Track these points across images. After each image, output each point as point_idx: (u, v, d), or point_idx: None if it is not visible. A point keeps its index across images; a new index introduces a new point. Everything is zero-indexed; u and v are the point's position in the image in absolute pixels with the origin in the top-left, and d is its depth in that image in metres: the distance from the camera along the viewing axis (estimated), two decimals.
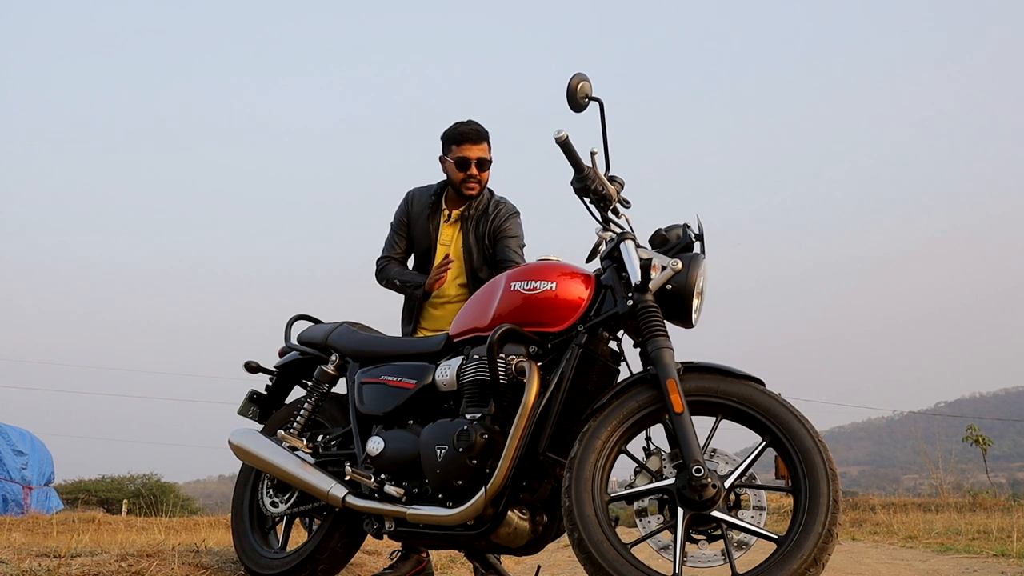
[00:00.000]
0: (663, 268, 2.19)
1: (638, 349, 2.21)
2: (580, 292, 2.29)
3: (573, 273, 2.34)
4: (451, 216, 3.25)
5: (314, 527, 2.74)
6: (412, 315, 3.27)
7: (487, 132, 3.19)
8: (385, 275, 3.30)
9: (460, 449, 2.22)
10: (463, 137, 3.14)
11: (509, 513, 2.23)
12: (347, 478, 2.48)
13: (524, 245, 3.21)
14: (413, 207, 3.31)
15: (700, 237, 2.29)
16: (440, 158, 3.23)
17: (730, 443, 2.16)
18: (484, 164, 3.17)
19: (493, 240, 3.18)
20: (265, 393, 3.01)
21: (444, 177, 3.26)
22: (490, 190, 3.27)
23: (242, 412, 2.99)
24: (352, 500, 2.46)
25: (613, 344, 2.36)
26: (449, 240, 3.23)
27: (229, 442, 2.78)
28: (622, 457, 2.13)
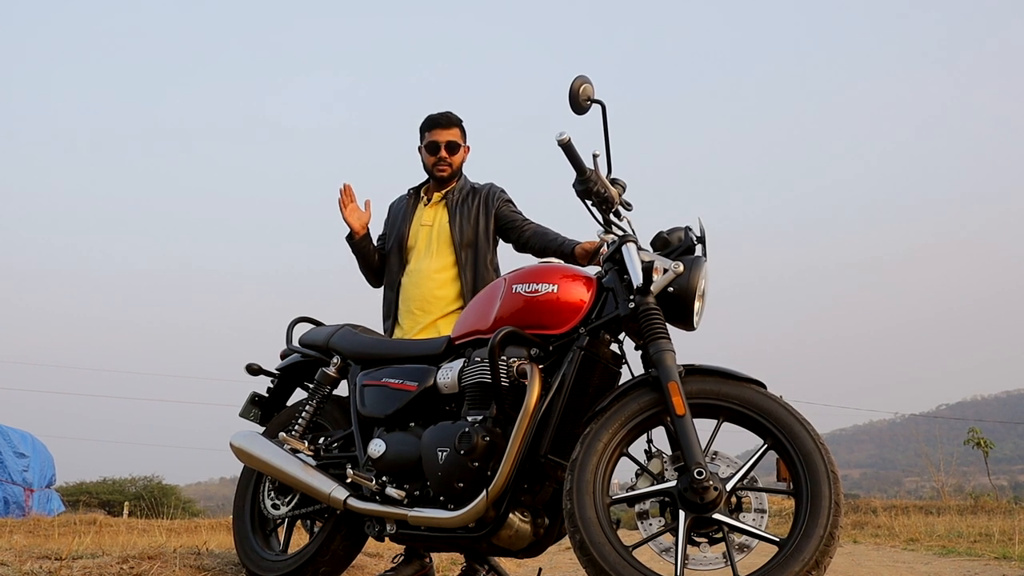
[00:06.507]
0: (665, 271, 2.19)
1: (639, 351, 2.21)
2: (582, 294, 2.29)
3: (575, 275, 2.34)
4: (432, 199, 3.27)
5: (315, 529, 2.74)
6: (392, 303, 3.23)
7: (459, 120, 3.27)
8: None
9: (461, 451, 2.22)
10: (433, 123, 3.23)
11: (510, 515, 2.23)
12: (348, 480, 2.48)
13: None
14: (392, 210, 3.38)
15: (702, 240, 2.29)
16: (418, 148, 3.30)
17: (731, 446, 2.16)
18: (454, 147, 3.22)
19: (487, 210, 3.19)
20: (267, 395, 3.01)
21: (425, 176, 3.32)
22: (467, 178, 3.31)
23: (243, 414, 2.99)
24: (353, 502, 2.46)
25: (615, 346, 2.36)
26: (431, 220, 3.23)
27: (230, 444, 2.78)
28: (624, 460, 2.13)
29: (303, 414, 2.78)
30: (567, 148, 2.25)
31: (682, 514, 1.98)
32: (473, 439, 2.21)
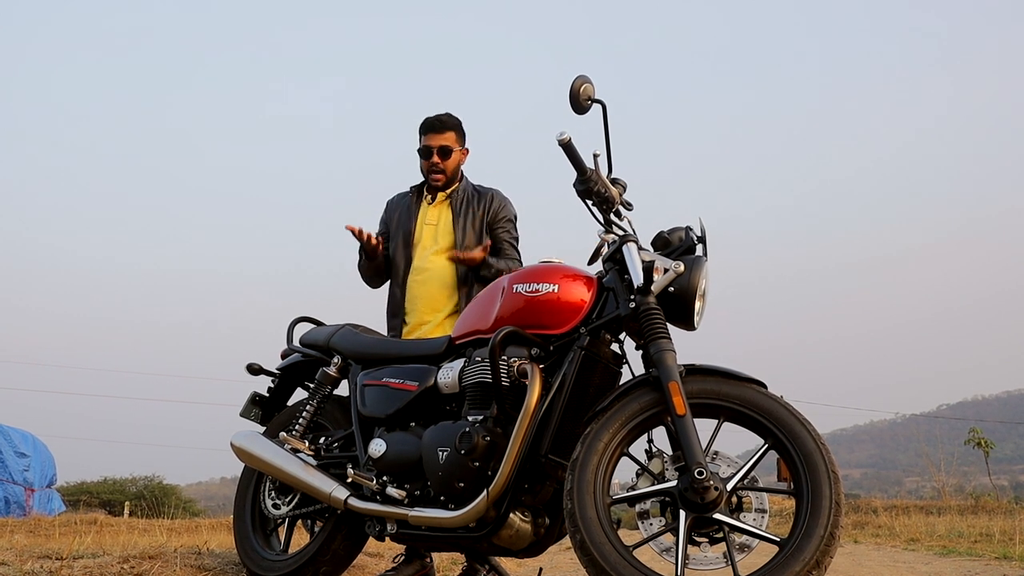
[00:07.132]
0: (665, 270, 2.19)
1: (640, 351, 2.21)
2: (582, 294, 2.29)
3: (575, 275, 2.34)
4: (436, 198, 3.25)
5: (316, 529, 2.74)
6: (399, 302, 3.21)
7: (455, 123, 3.22)
8: (358, 267, 3.32)
9: (462, 451, 2.22)
10: (427, 127, 3.19)
11: (511, 515, 2.23)
12: (349, 480, 2.48)
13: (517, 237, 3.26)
14: (391, 207, 3.35)
15: (702, 240, 2.30)
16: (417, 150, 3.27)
17: (732, 446, 2.16)
18: (446, 152, 3.17)
19: (487, 219, 3.18)
20: (267, 395, 3.01)
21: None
22: (468, 180, 3.29)
23: (244, 414, 3.00)
24: (354, 502, 2.46)
25: (615, 346, 2.36)
26: (435, 219, 3.22)
27: (231, 444, 2.78)
28: (624, 459, 2.13)
29: (304, 414, 2.78)
30: (567, 148, 2.25)
31: (683, 514, 1.98)
32: (474, 439, 2.21)
